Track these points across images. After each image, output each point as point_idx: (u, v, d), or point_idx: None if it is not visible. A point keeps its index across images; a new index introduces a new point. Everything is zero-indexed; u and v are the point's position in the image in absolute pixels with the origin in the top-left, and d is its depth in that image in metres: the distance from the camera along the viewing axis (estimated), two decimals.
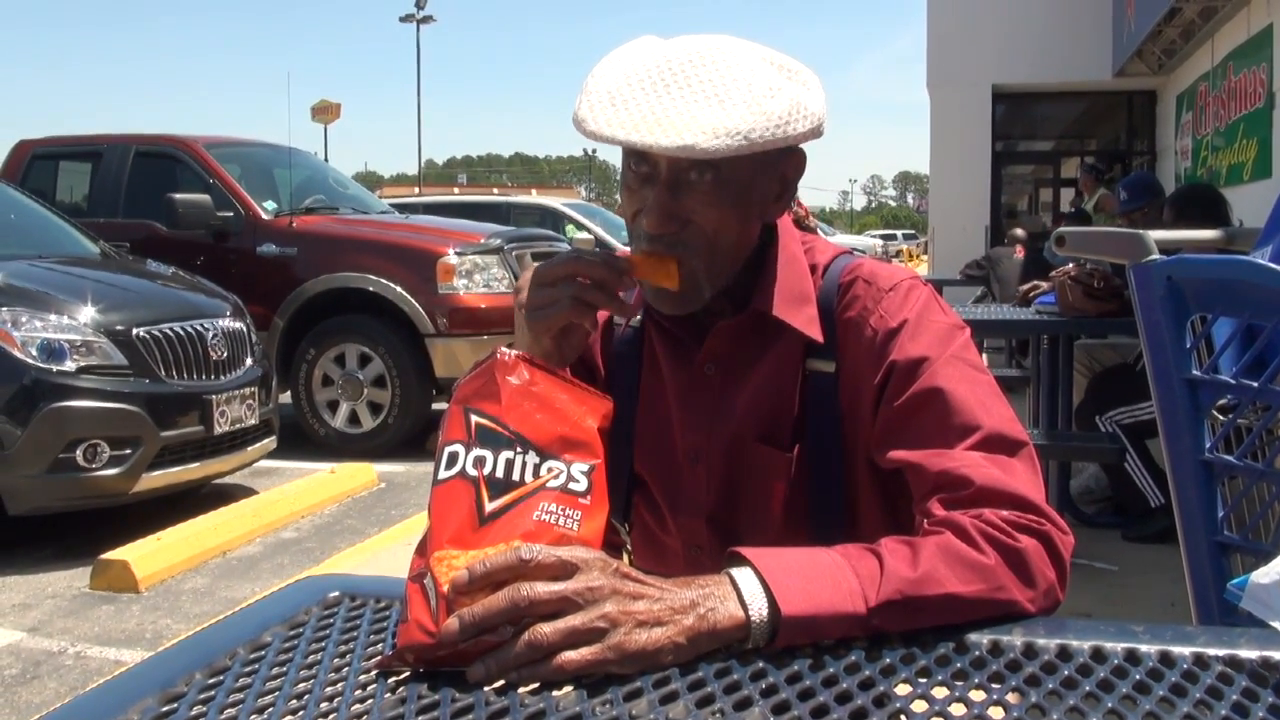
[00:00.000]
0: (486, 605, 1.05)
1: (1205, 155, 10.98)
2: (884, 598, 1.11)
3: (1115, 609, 4.29)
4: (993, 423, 1.33)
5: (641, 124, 1.31)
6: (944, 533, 1.20)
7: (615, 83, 1.36)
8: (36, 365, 5.35)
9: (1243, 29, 9.44)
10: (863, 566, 1.14)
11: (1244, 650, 1.02)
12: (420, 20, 53.03)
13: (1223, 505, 2.08)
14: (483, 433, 1.20)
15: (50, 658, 4.25)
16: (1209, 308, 2.11)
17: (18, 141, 9.09)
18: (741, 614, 1.08)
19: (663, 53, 1.39)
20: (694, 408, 1.58)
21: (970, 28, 14.29)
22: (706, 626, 1.07)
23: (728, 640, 1.08)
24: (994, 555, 1.17)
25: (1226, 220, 5.26)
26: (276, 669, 1.11)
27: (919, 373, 1.38)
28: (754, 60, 1.38)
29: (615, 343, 1.64)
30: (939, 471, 1.29)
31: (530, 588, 1.06)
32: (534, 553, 1.08)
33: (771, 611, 1.08)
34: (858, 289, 1.50)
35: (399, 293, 7.76)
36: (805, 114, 1.37)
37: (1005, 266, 10.18)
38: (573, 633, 1.04)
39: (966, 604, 1.14)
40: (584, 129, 1.34)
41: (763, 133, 1.31)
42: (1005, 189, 16.47)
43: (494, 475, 1.17)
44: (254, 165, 9.07)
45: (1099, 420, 5.21)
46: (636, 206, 1.44)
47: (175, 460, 5.81)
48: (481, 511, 1.16)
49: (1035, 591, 1.18)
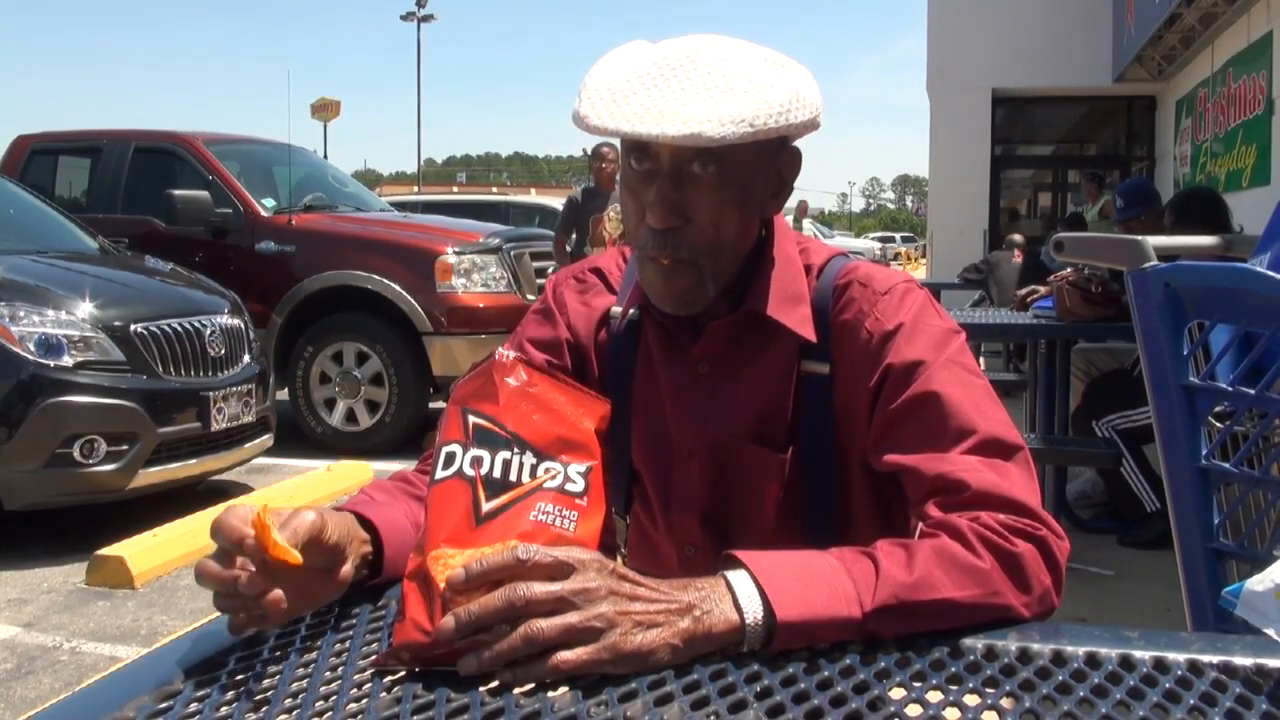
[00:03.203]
0: (483, 604, 1.05)
1: (1204, 161, 10.99)
2: (879, 603, 1.11)
3: (1110, 614, 4.29)
4: (988, 427, 1.33)
5: (646, 115, 1.31)
6: (940, 536, 1.20)
7: (614, 79, 1.36)
8: (34, 360, 5.35)
9: (1243, 35, 9.45)
10: (858, 570, 1.14)
11: (1238, 657, 1.02)
12: (421, 19, 52.97)
13: (1218, 512, 2.09)
14: (480, 433, 1.21)
15: (45, 653, 4.25)
16: (1206, 314, 2.11)
17: (17, 136, 9.09)
18: (737, 618, 1.08)
19: (658, 51, 1.39)
20: (688, 405, 1.57)
21: (970, 32, 14.29)
22: (702, 630, 1.07)
23: (722, 644, 1.08)
24: (990, 559, 1.17)
25: (1227, 224, 5.27)
26: (272, 667, 1.12)
27: (914, 376, 1.38)
28: (748, 54, 1.40)
29: (611, 337, 1.64)
30: (935, 475, 1.29)
31: (527, 587, 1.06)
32: (531, 553, 1.09)
33: (767, 616, 1.09)
34: (853, 292, 1.50)
35: (397, 291, 7.76)
36: (805, 103, 1.38)
37: (1004, 270, 10.19)
38: (569, 630, 1.04)
39: (962, 609, 1.14)
40: (586, 124, 1.33)
41: (766, 120, 1.32)
42: (1004, 193, 16.47)
43: (491, 475, 1.18)
44: (253, 162, 9.07)
45: (1096, 425, 5.22)
46: (639, 205, 1.43)
47: (172, 456, 5.81)
48: (478, 511, 1.16)
49: (1030, 596, 1.18)
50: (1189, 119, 11.93)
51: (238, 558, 1.11)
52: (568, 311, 1.66)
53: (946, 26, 14.60)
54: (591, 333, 1.65)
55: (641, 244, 1.45)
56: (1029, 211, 18.19)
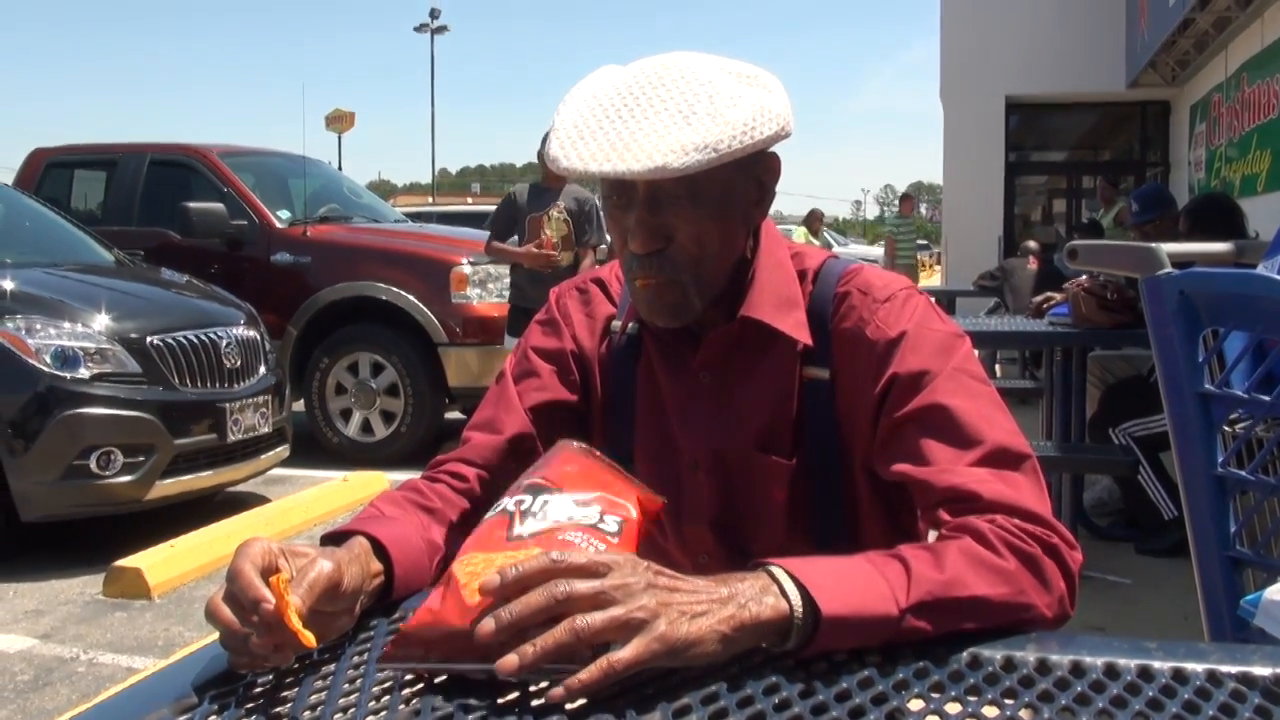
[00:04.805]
0: (524, 603, 1.04)
1: (1219, 166, 10.96)
2: (915, 599, 1.12)
3: (1128, 623, 4.28)
4: (997, 437, 1.34)
5: (611, 153, 1.33)
6: (963, 537, 1.21)
7: (580, 115, 1.39)
8: (51, 372, 5.37)
9: (1256, 40, 9.42)
10: (890, 571, 1.14)
11: (1257, 667, 1.02)
12: (434, 30, 53.11)
13: (1235, 520, 2.08)
14: (530, 488, 1.24)
15: (62, 664, 4.27)
16: (1221, 322, 2.11)
17: (33, 150, 9.12)
18: (785, 606, 1.08)
19: (622, 79, 1.41)
20: (692, 416, 1.58)
21: (984, 38, 14.27)
22: (749, 616, 1.07)
23: (771, 632, 1.08)
24: (1013, 560, 1.19)
25: (1242, 230, 5.25)
26: (290, 679, 1.12)
27: (921, 386, 1.39)
28: (712, 72, 1.41)
29: (613, 353, 1.65)
30: (946, 487, 1.30)
31: (568, 583, 1.04)
32: (565, 555, 1.08)
33: (811, 609, 1.08)
34: (854, 299, 1.51)
35: (412, 302, 7.77)
36: (769, 116, 1.39)
37: (1019, 278, 10.16)
38: (614, 620, 1.02)
39: (992, 607, 1.15)
40: (558, 166, 1.37)
41: (730, 143, 1.33)
42: (1018, 200, 16.44)
43: (530, 510, 1.20)
44: (268, 174, 9.10)
45: (1112, 433, 5.20)
46: (623, 233, 1.46)
47: (188, 468, 5.82)
48: (511, 533, 1.18)
49: (1051, 598, 1.20)
50: (1203, 124, 11.90)
51: (250, 613, 1.10)
52: (572, 322, 1.68)
53: (960, 33, 14.58)
54: (595, 344, 1.66)
55: (628, 268, 1.48)
56: (1044, 218, 18.13)
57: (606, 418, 1.66)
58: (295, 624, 1.08)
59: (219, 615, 1.11)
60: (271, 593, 1.09)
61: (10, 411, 5.32)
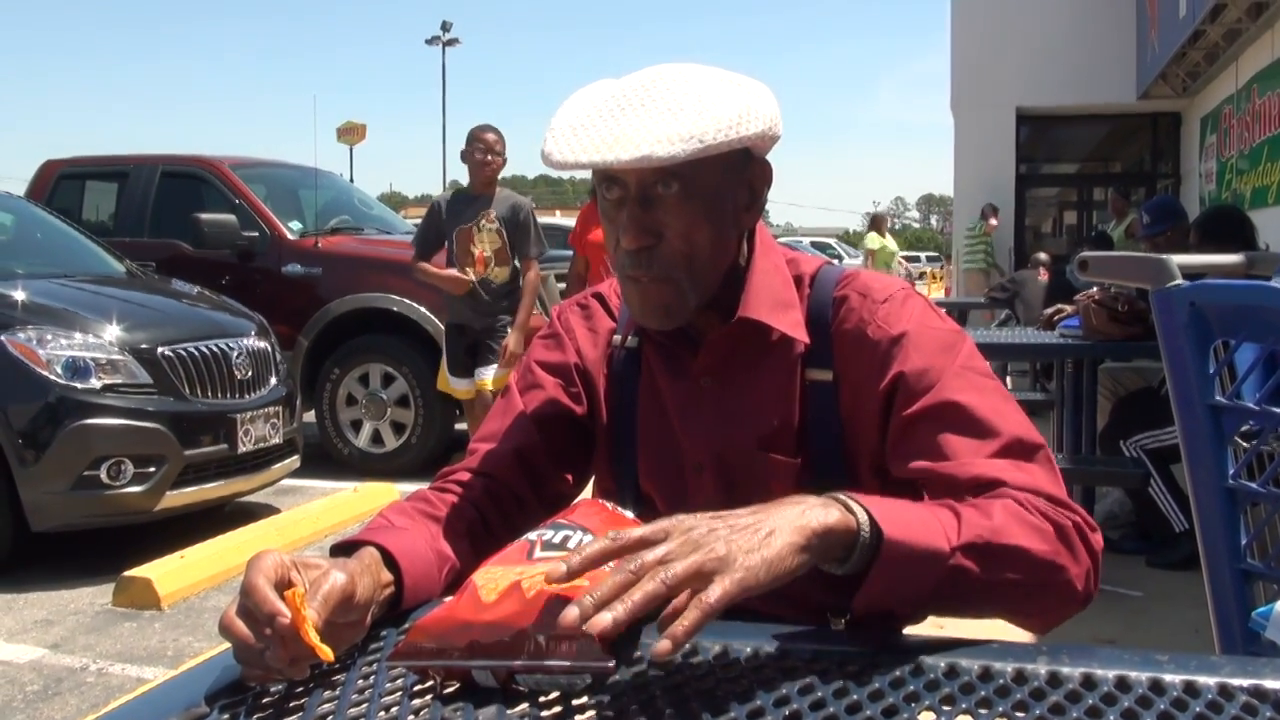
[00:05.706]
0: (604, 586, 1.04)
1: (1230, 178, 10.94)
2: (965, 539, 1.20)
3: (1139, 635, 4.26)
4: (1011, 429, 1.39)
5: (601, 145, 1.36)
6: (1005, 499, 1.28)
7: (576, 116, 1.42)
8: (62, 383, 5.39)
9: (1267, 51, 9.42)
10: (940, 513, 1.23)
11: (1269, 681, 1.02)
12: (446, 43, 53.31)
13: (1246, 532, 2.07)
14: (552, 524, 1.28)
15: (72, 674, 4.27)
16: (1232, 333, 2.10)
17: (45, 161, 9.14)
18: (851, 518, 1.15)
19: (618, 85, 1.45)
20: (694, 419, 1.60)
21: (994, 50, 14.28)
22: (818, 523, 1.12)
23: (837, 545, 1.14)
24: (1049, 525, 1.27)
25: (1253, 242, 5.24)
26: (300, 689, 1.12)
27: (930, 384, 1.43)
28: (704, 77, 1.45)
29: (614, 359, 1.68)
30: (970, 477, 1.34)
31: (638, 556, 1.06)
32: (621, 533, 1.10)
33: (874, 529, 1.14)
34: (853, 301, 1.53)
35: (423, 313, 7.77)
36: (756, 115, 1.41)
37: (1029, 289, 10.16)
38: (696, 567, 1.04)
39: (1034, 560, 1.24)
40: (551, 161, 1.39)
41: (715, 135, 1.35)
42: (1029, 212, 16.43)
43: (551, 541, 1.23)
44: (280, 186, 9.11)
45: (1123, 445, 5.18)
46: (615, 231, 1.48)
47: (199, 479, 5.82)
48: (533, 555, 1.20)
49: (1080, 570, 1.28)
50: (1214, 135, 11.88)
51: (265, 627, 1.10)
52: (576, 337, 1.70)
53: (970, 45, 14.60)
54: (598, 357, 1.69)
55: (620, 265, 1.50)
56: (1054, 230, 18.12)
57: (611, 427, 1.68)
58: (312, 638, 1.08)
59: (233, 630, 1.11)
60: (287, 607, 1.09)
61: (21, 422, 5.33)
